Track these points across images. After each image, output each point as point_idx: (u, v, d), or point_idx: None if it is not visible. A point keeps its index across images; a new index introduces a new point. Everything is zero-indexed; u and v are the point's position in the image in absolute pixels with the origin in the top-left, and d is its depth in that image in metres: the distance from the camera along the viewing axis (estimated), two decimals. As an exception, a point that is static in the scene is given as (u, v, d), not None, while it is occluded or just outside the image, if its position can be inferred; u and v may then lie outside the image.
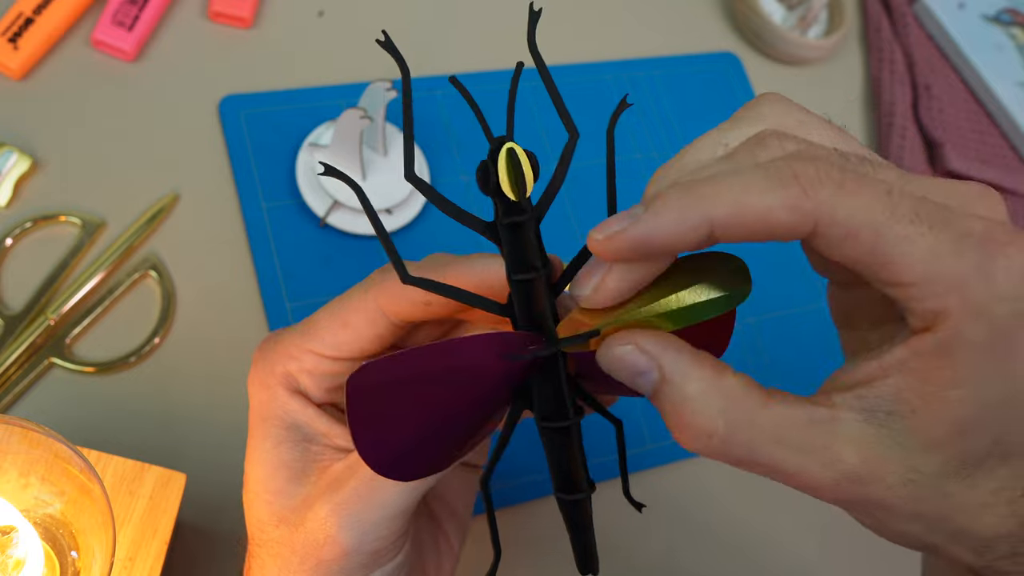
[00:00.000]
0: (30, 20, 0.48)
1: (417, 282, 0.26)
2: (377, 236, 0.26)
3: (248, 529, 0.31)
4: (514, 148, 0.25)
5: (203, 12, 0.53)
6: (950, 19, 0.69)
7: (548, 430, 0.27)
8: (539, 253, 0.26)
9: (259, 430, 0.30)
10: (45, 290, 0.43)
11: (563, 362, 0.27)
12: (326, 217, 0.48)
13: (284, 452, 0.29)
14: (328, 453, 0.30)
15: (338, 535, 0.28)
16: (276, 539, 0.29)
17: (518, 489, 0.45)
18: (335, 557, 0.28)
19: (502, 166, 0.25)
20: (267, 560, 0.30)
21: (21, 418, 0.31)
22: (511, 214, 0.25)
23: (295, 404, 0.29)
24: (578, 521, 0.28)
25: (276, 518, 0.29)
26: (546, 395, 0.27)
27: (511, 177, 0.25)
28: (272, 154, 0.49)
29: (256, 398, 0.30)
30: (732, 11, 0.65)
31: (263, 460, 0.29)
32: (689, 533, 0.48)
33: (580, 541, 0.28)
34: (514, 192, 0.25)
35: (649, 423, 0.49)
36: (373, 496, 0.28)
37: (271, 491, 0.29)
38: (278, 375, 0.30)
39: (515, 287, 0.26)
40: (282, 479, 0.29)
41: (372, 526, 0.28)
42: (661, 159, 0.57)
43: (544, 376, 0.27)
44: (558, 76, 0.57)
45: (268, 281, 0.46)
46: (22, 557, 0.31)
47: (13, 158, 0.45)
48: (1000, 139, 0.67)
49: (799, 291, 0.56)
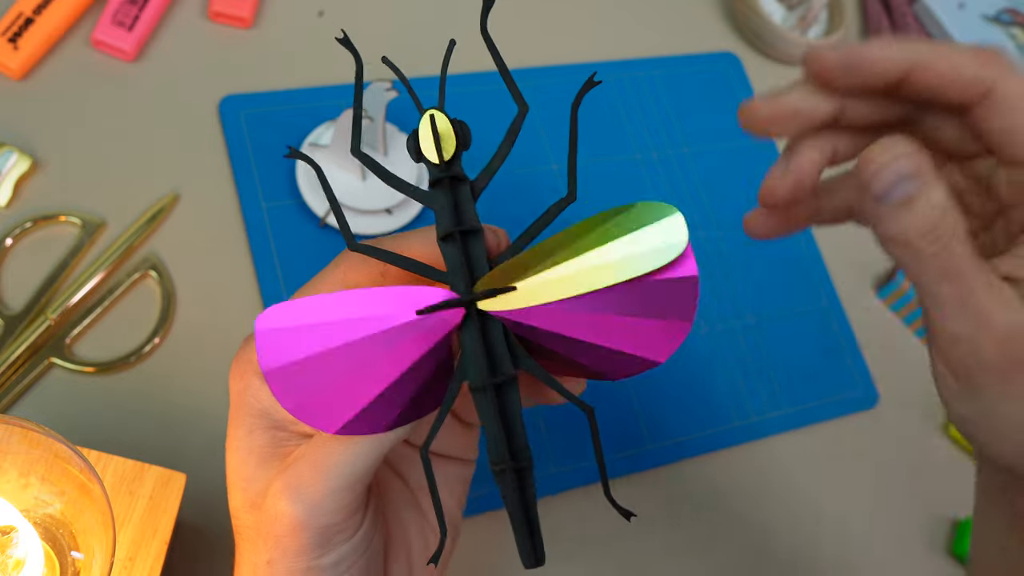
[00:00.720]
0: (30, 20, 0.48)
1: (363, 249, 0.27)
2: (329, 206, 0.28)
3: (231, 519, 0.31)
4: (435, 114, 0.27)
5: (203, 12, 0.53)
6: (950, 19, 0.69)
7: (474, 392, 0.27)
8: (464, 216, 0.27)
9: (235, 420, 0.30)
10: (45, 290, 0.43)
11: (482, 319, 0.27)
12: (326, 217, 0.48)
13: (255, 439, 0.30)
14: (295, 440, 0.30)
15: (287, 508, 0.28)
16: (248, 524, 0.29)
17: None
18: (286, 532, 0.28)
19: (423, 131, 0.27)
20: (243, 546, 0.30)
21: (21, 418, 0.31)
22: (432, 174, 0.27)
23: (265, 392, 0.30)
24: (508, 497, 0.26)
25: (248, 504, 0.29)
26: (467, 355, 0.27)
27: (432, 141, 0.27)
28: (272, 154, 0.49)
29: (233, 389, 0.31)
30: (732, 11, 0.65)
31: (238, 448, 0.30)
32: (688, 532, 0.48)
33: (522, 527, 0.26)
34: (434, 155, 0.27)
35: (648, 423, 0.49)
36: (322, 465, 0.28)
37: (243, 478, 0.30)
38: (252, 363, 0.30)
39: (444, 248, 0.27)
40: (252, 465, 0.29)
41: (320, 498, 0.28)
42: (661, 159, 0.57)
43: (466, 336, 0.27)
44: (558, 76, 0.57)
45: (268, 281, 0.46)
46: (22, 557, 0.31)
47: (13, 158, 0.45)
48: (1000, 139, 0.67)
49: (799, 291, 0.56)
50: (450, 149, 0.27)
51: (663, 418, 0.49)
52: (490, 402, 0.27)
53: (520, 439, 0.27)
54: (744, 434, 0.51)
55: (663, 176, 0.56)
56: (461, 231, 0.27)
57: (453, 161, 0.27)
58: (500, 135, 0.29)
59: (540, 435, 0.47)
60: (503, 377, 0.27)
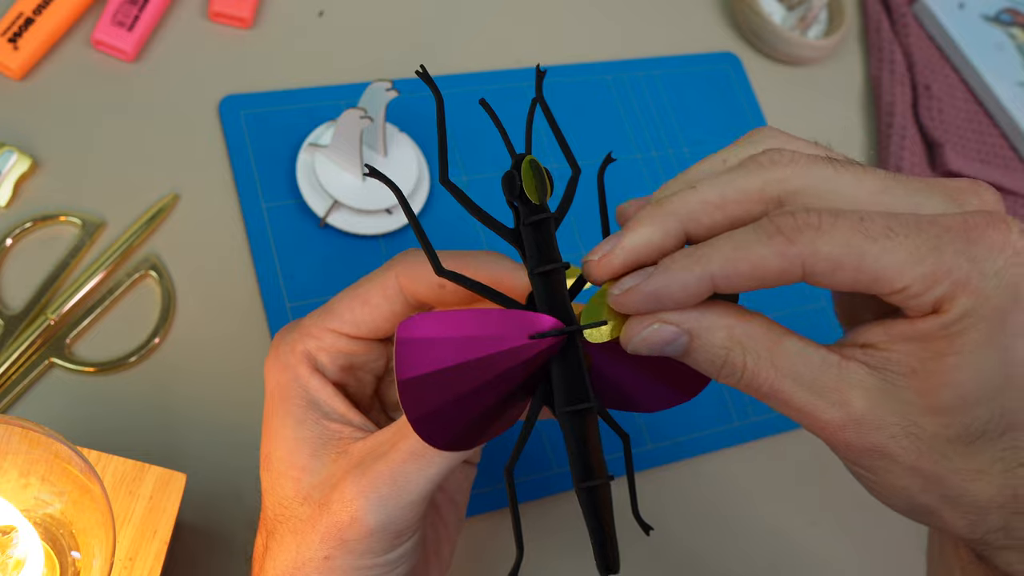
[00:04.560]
0: (30, 20, 0.48)
1: (450, 276, 0.28)
2: (413, 230, 0.29)
3: (267, 506, 0.31)
4: (534, 160, 0.29)
5: (203, 12, 0.53)
6: (950, 19, 0.69)
7: (567, 415, 0.28)
8: (557, 251, 0.29)
9: (280, 409, 0.31)
10: (45, 290, 0.43)
11: (581, 345, 0.28)
12: (326, 217, 0.48)
13: (306, 430, 0.30)
14: (346, 431, 0.31)
15: (365, 516, 0.28)
16: (299, 516, 0.30)
17: (504, 493, 0.45)
18: (359, 537, 0.29)
19: (526, 174, 0.28)
20: (286, 536, 0.30)
21: (21, 418, 0.31)
22: (535, 214, 0.29)
23: (316, 382, 0.31)
24: (597, 512, 0.28)
25: (302, 496, 0.30)
26: (566, 378, 0.28)
27: (533, 184, 0.28)
28: (272, 154, 0.49)
29: (274, 379, 0.32)
30: (732, 11, 0.65)
31: (286, 438, 0.30)
32: (689, 530, 0.48)
33: (599, 537, 0.28)
34: (536, 196, 0.28)
35: (648, 422, 0.49)
36: (402, 480, 0.28)
37: (297, 467, 0.30)
38: (298, 353, 0.31)
39: (538, 280, 0.29)
40: (306, 455, 0.30)
41: (399, 509, 0.29)
42: (661, 158, 0.57)
43: (563, 360, 0.28)
44: (558, 76, 0.57)
45: (268, 281, 0.46)
46: (22, 557, 0.31)
47: (13, 158, 0.45)
48: (1000, 139, 0.67)
49: (796, 291, 0.56)
50: (549, 191, 0.29)
51: (663, 418, 0.49)
52: (592, 424, 0.28)
53: (601, 460, 0.28)
54: (746, 433, 0.51)
55: (663, 176, 0.56)
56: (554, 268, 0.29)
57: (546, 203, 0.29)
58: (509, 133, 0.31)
59: (540, 438, 0.47)
60: (590, 403, 0.28)
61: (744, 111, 0.61)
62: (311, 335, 0.32)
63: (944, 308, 0.25)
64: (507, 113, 0.55)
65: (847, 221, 0.25)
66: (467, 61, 0.56)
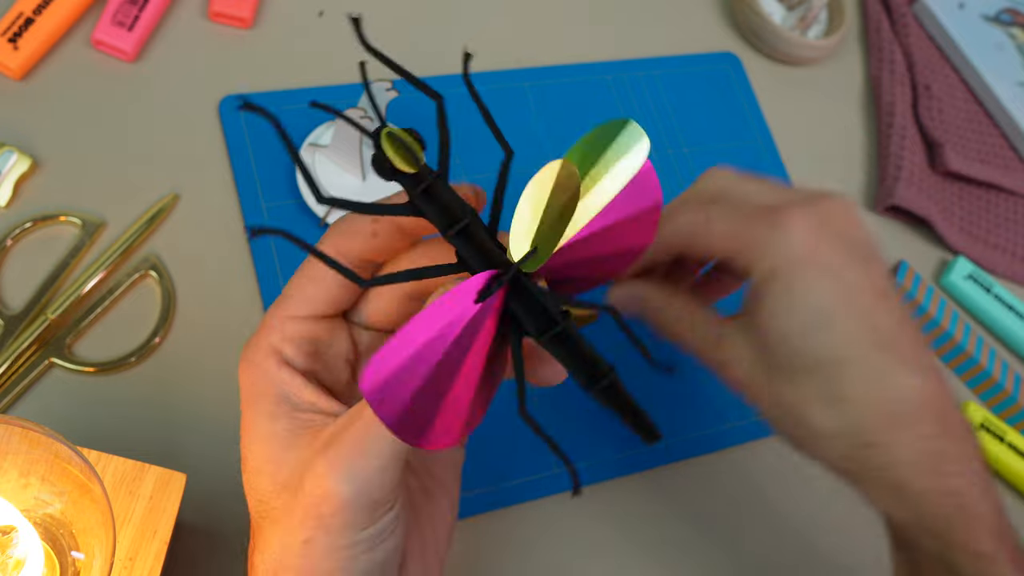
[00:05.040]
0: (30, 20, 0.48)
1: (376, 281, 0.28)
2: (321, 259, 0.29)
3: (251, 510, 0.31)
4: (391, 130, 0.28)
5: (203, 12, 0.53)
6: (950, 19, 0.69)
7: (549, 340, 0.29)
8: (460, 204, 0.29)
9: (252, 409, 0.31)
10: (45, 290, 0.43)
11: (527, 279, 0.29)
12: (326, 217, 0.48)
13: (277, 425, 0.30)
14: (318, 419, 0.30)
15: (336, 487, 0.28)
16: (278, 507, 0.30)
17: (504, 493, 0.45)
18: (334, 510, 0.28)
19: (388, 149, 0.28)
20: (268, 530, 0.30)
21: (21, 418, 0.31)
22: (418, 183, 0.28)
23: (284, 374, 0.31)
24: (619, 403, 0.29)
25: (278, 487, 0.30)
26: (530, 313, 0.28)
27: (399, 154, 0.28)
28: (272, 154, 0.49)
29: (246, 380, 0.31)
30: (732, 11, 0.65)
31: (260, 435, 0.30)
32: (690, 531, 0.48)
33: (631, 419, 0.29)
34: (409, 165, 0.28)
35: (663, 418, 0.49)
36: (369, 446, 0.28)
37: (271, 461, 0.30)
38: (264, 350, 0.31)
39: (455, 241, 0.29)
40: (278, 449, 0.30)
41: (369, 474, 0.28)
42: (661, 158, 0.57)
43: (520, 299, 0.29)
44: (558, 76, 0.57)
45: (268, 281, 0.46)
46: (22, 557, 0.31)
47: (13, 158, 0.45)
48: (1000, 139, 0.67)
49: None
50: (420, 155, 0.28)
51: (663, 418, 0.49)
52: (574, 338, 0.29)
53: (598, 359, 0.29)
54: (747, 433, 0.51)
55: (663, 176, 0.56)
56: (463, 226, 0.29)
57: (425, 165, 0.28)
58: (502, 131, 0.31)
59: (540, 438, 0.47)
60: (559, 326, 0.28)
61: (744, 111, 0.61)
62: (272, 327, 0.31)
63: (751, 270, 0.35)
64: (507, 113, 0.56)
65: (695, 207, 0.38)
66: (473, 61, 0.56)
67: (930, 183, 0.62)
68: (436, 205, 0.28)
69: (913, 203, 0.60)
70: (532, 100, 0.55)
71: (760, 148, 0.60)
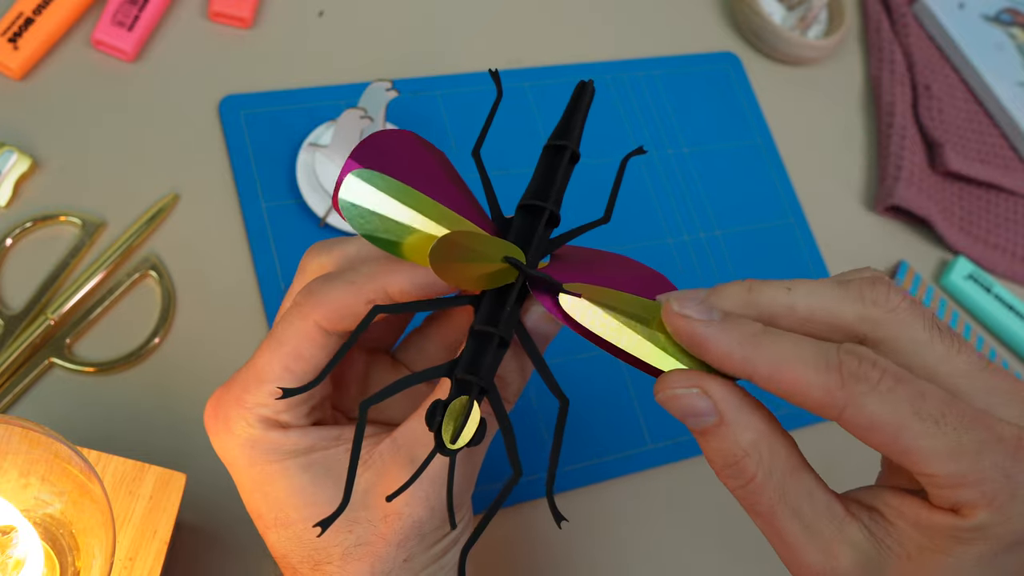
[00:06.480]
0: (30, 20, 0.48)
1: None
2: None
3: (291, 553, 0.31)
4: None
5: (203, 12, 0.53)
6: (950, 19, 0.69)
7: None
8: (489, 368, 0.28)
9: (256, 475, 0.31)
10: (45, 290, 0.43)
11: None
12: (326, 217, 0.48)
13: (297, 478, 0.30)
14: (331, 452, 0.31)
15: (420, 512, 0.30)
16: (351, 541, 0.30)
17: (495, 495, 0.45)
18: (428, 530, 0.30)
19: (448, 418, 0.26)
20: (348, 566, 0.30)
21: (21, 418, 0.31)
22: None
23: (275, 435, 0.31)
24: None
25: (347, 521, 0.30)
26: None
27: (453, 427, 0.26)
28: (272, 154, 0.49)
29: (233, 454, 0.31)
30: (732, 11, 0.65)
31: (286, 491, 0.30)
32: (690, 531, 0.48)
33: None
34: (448, 439, 0.26)
35: (648, 422, 0.49)
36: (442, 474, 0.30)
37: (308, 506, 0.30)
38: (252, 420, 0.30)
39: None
40: (310, 498, 0.30)
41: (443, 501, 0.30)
42: (661, 158, 0.57)
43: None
44: (558, 76, 0.57)
45: (268, 281, 0.46)
46: (22, 557, 0.31)
47: (13, 158, 0.45)
48: (1000, 139, 0.67)
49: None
50: (463, 442, 0.26)
51: (663, 418, 0.49)
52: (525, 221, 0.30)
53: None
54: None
55: (663, 175, 0.56)
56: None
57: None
58: (502, 130, 0.30)
59: (539, 439, 0.47)
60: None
61: (744, 111, 0.61)
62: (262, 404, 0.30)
63: (963, 512, 0.24)
64: (507, 113, 0.56)
65: (905, 391, 0.24)
66: (467, 61, 0.56)
67: (930, 183, 0.62)
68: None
69: (913, 203, 0.60)
70: (532, 100, 0.55)
71: (760, 148, 0.60)
